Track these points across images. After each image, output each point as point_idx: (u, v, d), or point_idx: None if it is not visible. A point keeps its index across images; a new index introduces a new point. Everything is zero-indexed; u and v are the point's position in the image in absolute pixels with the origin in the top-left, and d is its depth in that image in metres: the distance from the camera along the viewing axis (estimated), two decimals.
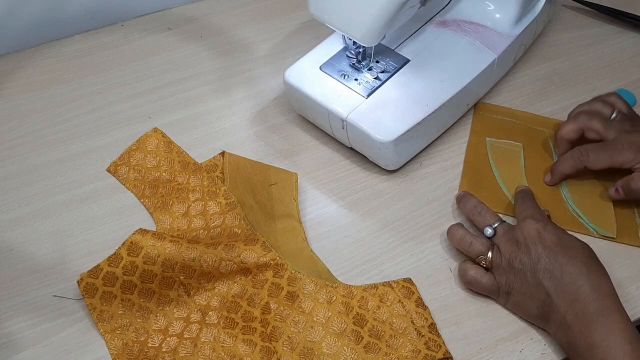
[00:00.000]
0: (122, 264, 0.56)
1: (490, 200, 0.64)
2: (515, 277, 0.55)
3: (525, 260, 0.55)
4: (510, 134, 0.71)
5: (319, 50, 0.70)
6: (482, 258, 0.58)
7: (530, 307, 0.55)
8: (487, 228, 0.59)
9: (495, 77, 0.74)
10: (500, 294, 0.57)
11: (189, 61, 0.80)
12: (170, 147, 0.69)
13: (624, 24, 0.84)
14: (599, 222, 0.64)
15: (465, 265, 0.58)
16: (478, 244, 0.58)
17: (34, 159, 0.69)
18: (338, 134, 0.68)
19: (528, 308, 0.55)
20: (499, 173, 0.67)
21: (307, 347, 0.54)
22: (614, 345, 0.49)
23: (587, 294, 0.52)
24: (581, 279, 0.52)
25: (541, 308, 0.54)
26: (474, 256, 0.59)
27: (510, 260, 0.56)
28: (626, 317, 0.51)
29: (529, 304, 0.55)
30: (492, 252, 0.57)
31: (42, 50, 0.80)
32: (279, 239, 0.62)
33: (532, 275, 0.54)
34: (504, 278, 0.56)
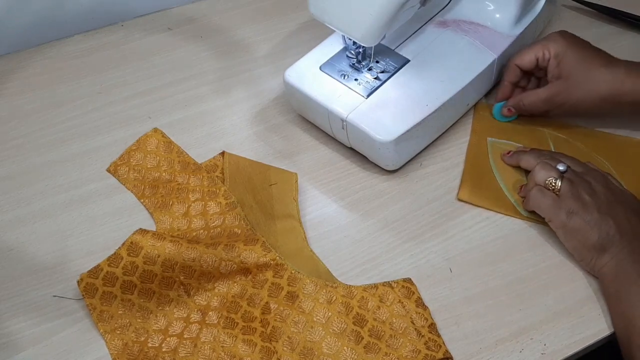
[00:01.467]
0: (122, 264, 0.56)
1: (490, 200, 0.64)
2: (585, 203, 0.58)
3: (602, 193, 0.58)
4: (511, 134, 0.71)
5: (319, 50, 0.70)
6: (552, 180, 0.60)
7: (591, 235, 0.57)
8: (560, 164, 0.61)
9: (496, 77, 0.74)
10: (559, 215, 0.58)
11: (189, 61, 0.80)
12: (170, 147, 0.69)
13: (624, 24, 0.84)
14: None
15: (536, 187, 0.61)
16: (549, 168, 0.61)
17: (34, 159, 0.69)
18: (338, 134, 0.68)
19: (588, 235, 0.57)
20: (499, 174, 0.67)
21: (307, 347, 0.54)
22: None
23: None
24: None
25: (602, 239, 0.57)
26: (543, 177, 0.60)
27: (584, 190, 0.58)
28: None
29: (590, 233, 0.57)
30: (562, 180, 0.59)
31: (42, 50, 0.80)
32: (279, 239, 0.62)
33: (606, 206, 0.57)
34: (570, 201, 0.58)
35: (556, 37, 0.67)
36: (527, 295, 0.59)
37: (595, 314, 0.57)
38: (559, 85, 0.66)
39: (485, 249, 0.62)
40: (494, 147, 0.70)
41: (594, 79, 0.65)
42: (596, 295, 0.59)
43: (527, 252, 0.62)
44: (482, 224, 0.64)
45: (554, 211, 0.59)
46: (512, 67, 0.69)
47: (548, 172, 0.60)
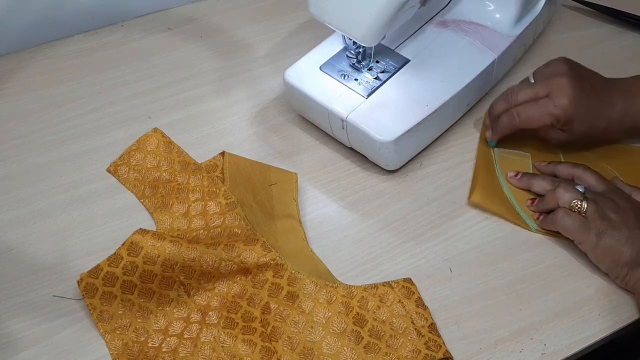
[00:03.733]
0: (122, 264, 0.56)
1: (497, 211, 0.64)
2: (614, 222, 0.57)
3: (627, 209, 0.58)
4: (519, 144, 0.70)
5: (319, 50, 0.70)
6: (578, 202, 0.59)
7: (624, 251, 0.57)
8: (579, 187, 0.61)
9: (495, 77, 0.74)
10: (589, 236, 0.58)
11: (189, 61, 0.80)
12: (170, 147, 0.69)
13: (624, 24, 0.84)
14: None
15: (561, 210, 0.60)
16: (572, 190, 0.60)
17: (34, 159, 0.69)
18: (338, 134, 0.68)
19: (621, 253, 0.57)
20: (507, 186, 0.66)
21: (307, 347, 0.54)
22: None
23: None
24: None
25: (636, 254, 0.56)
26: (567, 200, 0.60)
27: (609, 210, 0.58)
28: None
29: (623, 250, 0.57)
30: (586, 201, 0.59)
31: (42, 50, 0.80)
32: (279, 239, 0.62)
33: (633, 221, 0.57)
34: (598, 222, 0.58)
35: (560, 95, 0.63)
36: (527, 295, 0.59)
37: (595, 314, 0.57)
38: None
39: (485, 249, 0.62)
40: (501, 158, 0.69)
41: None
42: (596, 295, 0.59)
43: (527, 252, 0.62)
44: (482, 224, 0.64)
45: (583, 234, 0.58)
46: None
47: (573, 194, 0.60)
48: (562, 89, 0.63)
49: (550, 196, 0.61)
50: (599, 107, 0.64)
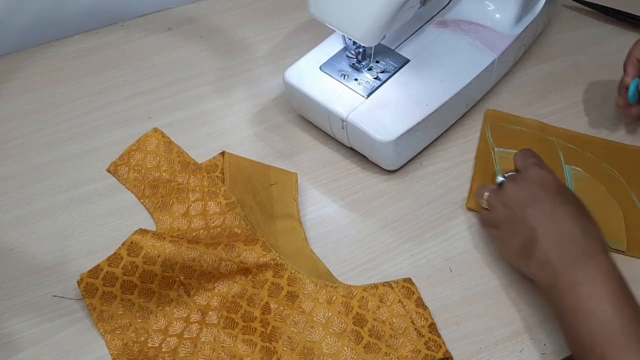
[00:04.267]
0: (122, 264, 0.56)
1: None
2: (506, 213, 0.56)
3: (520, 199, 0.55)
4: (520, 144, 0.69)
5: (319, 50, 0.70)
6: (483, 199, 0.59)
7: (514, 243, 0.55)
8: (499, 176, 0.60)
9: (495, 77, 0.74)
10: (489, 228, 0.58)
11: (189, 61, 0.80)
12: (170, 147, 0.69)
13: (624, 24, 0.84)
14: (609, 235, 0.62)
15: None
16: (482, 187, 0.60)
17: (34, 159, 0.69)
18: (338, 134, 0.68)
19: (511, 244, 0.55)
20: None
21: (307, 347, 0.54)
22: (600, 284, 0.49)
23: (576, 235, 0.52)
24: (571, 222, 0.52)
25: (524, 245, 0.54)
26: (479, 200, 0.60)
27: (505, 198, 0.56)
28: (612, 260, 0.51)
29: (513, 240, 0.55)
30: (489, 192, 0.59)
31: (42, 50, 0.80)
32: (279, 239, 0.62)
33: (522, 211, 0.54)
34: (494, 213, 0.57)
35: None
36: (527, 295, 0.58)
37: None
38: None
39: (485, 249, 0.62)
40: (501, 158, 0.69)
41: None
42: None
43: None
44: None
45: (486, 226, 0.60)
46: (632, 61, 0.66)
47: (482, 190, 0.60)
48: None
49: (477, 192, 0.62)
50: None
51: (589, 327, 0.48)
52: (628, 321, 0.47)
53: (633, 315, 0.48)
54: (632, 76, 0.66)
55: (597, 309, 0.48)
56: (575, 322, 0.49)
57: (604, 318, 0.48)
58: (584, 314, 0.48)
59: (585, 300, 0.49)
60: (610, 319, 0.47)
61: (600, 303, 0.48)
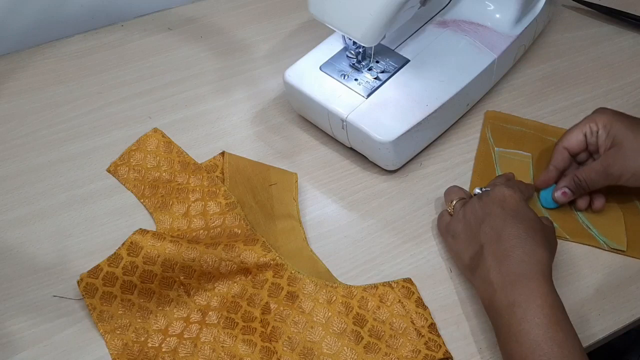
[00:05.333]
0: (122, 264, 0.56)
1: None
2: (463, 226, 0.57)
3: (478, 213, 0.56)
4: (520, 144, 0.70)
5: (319, 50, 0.70)
6: (450, 203, 0.61)
7: (465, 256, 0.57)
8: (477, 189, 0.61)
9: (495, 77, 0.74)
10: (447, 237, 0.59)
11: (189, 61, 0.80)
12: (170, 147, 0.69)
13: (624, 24, 0.84)
14: (609, 234, 0.63)
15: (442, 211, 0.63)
16: (454, 190, 0.62)
17: (34, 159, 0.69)
18: (338, 134, 0.68)
19: (463, 256, 0.57)
20: None
21: (307, 347, 0.54)
22: (534, 307, 0.49)
23: (518, 256, 0.52)
24: (517, 243, 0.53)
25: (473, 259, 0.55)
26: (446, 201, 0.62)
27: (466, 211, 0.58)
28: (551, 284, 0.51)
29: (464, 253, 0.57)
30: (457, 201, 0.60)
31: (42, 50, 0.80)
32: (279, 239, 0.62)
33: (477, 226, 0.56)
34: (453, 223, 0.59)
35: (599, 111, 0.63)
36: None
37: (595, 314, 0.58)
38: (613, 155, 0.60)
39: None
40: (501, 157, 0.69)
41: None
42: (595, 295, 0.59)
43: None
44: None
45: (444, 234, 0.60)
46: (559, 150, 0.64)
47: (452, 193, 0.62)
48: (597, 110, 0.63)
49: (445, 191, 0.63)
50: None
51: (520, 349, 0.48)
52: (558, 347, 0.48)
53: (563, 341, 0.48)
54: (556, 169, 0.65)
55: (529, 331, 0.48)
56: (508, 341, 0.50)
57: (535, 341, 0.48)
58: (516, 335, 0.49)
59: (518, 322, 0.49)
60: (541, 343, 0.48)
61: (532, 326, 0.49)
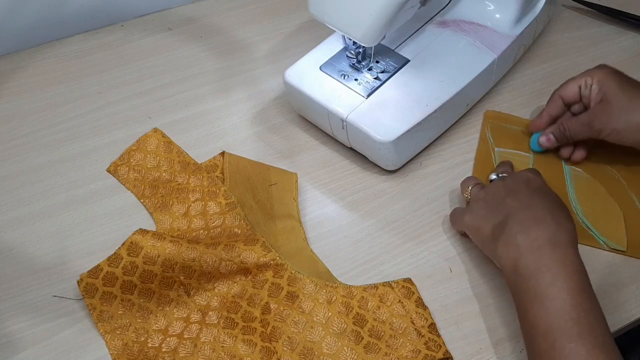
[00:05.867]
0: (122, 264, 0.56)
1: None
2: (483, 202, 0.57)
3: (501, 190, 0.57)
4: (520, 144, 0.70)
5: (319, 50, 0.70)
6: (467, 190, 0.61)
7: (486, 226, 0.56)
8: (493, 174, 0.62)
9: (495, 77, 0.74)
10: (463, 216, 0.59)
11: (189, 61, 0.80)
12: (170, 147, 0.69)
13: (624, 24, 0.84)
14: (609, 235, 0.63)
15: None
16: (469, 179, 0.63)
17: (34, 159, 0.69)
18: (338, 134, 0.68)
19: (483, 228, 0.56)
20: None
21: (307, 347, 0.54)
22: (564, 273, 0.49)
23: (546, 223, 0.52)
24: (544, 211, 0.53)
25: (496, 228, 0.55)
26: (463, 189, 0.63)
27: (488, 192, 0.58)
28: (578, 255, 0.51)
29: (486, 224, 0.56)
30: (474, 186, 0.61)
31: (42, 50, 0.80)
32: (279, 239, 0.62)
33: (500, 200, 0.56)
34: (472, 204, 0.59)
35: (599, 67, 0.66)
36: None
37: None
38: (599, 109, 0.63)
39: None
40: (501, 157, 0.69)
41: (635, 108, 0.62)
42: (596, 295, 0.58)
43: None
44: None
45: (460, 217, 0.60)
46: (554, 98, 0.68)
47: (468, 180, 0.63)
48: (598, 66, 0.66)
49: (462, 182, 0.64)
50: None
51: (545, 314, 0.48)
52: (585, 313, 0.48)
53: (590, 309, 0.48)
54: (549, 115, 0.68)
55: (556, 297, 0.48)
56: (532, 307, 0.49)
57: (561, 307, 0.48)
58: (542, 300, 0.49)
59: (545, 286, 0.49)
60: (567, 309, 0.48)
61: (559, 292, 0.48)
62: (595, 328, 0.47)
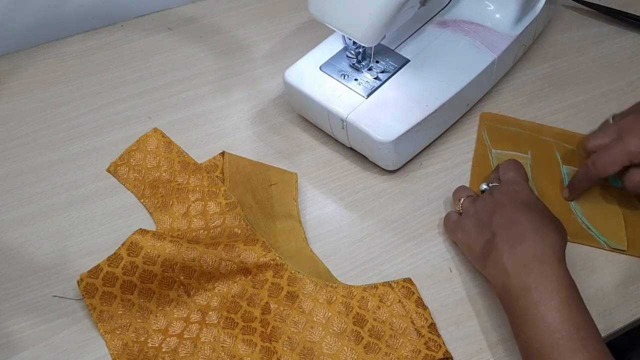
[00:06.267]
0: (122, 264, 0.56)
1: None
2: (474, 219, 0.57)
3: (489, 206, 0.57)
4: (517, 145, 0.70)
5: (319, 50, 0.70)
6: (458, 202, 0.61)
7: (476, 245, 0.56)
8: (484, 184, 0.61)
9: (495, 77, 0.74)
10: (458, 233, 0.59)
11: (189, 61, 0.80)
12: (170, 147, 0.69)
13: (624, 24, 0.84)
14: (609, 234, 0.63)
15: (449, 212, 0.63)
16: (461, 190, 0.62)
17: (34, 159, 0.69)
18: (338, 134, 0.68)
19: (473, 247, 0.57)
20: None
21: (307, 347, 0.54)
22: (550, 290, 0.49)
23: (531, 240, 0.52)
24: (530, 227, 0.53)
25: (484, 247, 0.55)
26: (454, 200, 0.62)
27: (478, 206, 0.58)
28: (565, 267, 0.51)
29: (475, 243, 0.56)
30: (466, 198, 0.60)
31: (42, 50, 0.80)
32: (279, 239, 0.62)
33: (488, 217, 0.56)
34: (464, 219, 0.59)
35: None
36: None
37: (594, 314, 0.57)
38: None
39: None
40: (499, 158, 0.69)
41: None
42: (596, 295, 0.59)
43: None
44: None
45: (454, 231, 0.60)
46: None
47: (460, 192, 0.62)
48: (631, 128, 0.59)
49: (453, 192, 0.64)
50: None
51: (537, 332, 0.48)
52: (575, 328, 0.48)
53: (580, 323, 0.48)
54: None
55: (545, 314, 0.49)
56: (524, 326, 0.50)
57: (551, 324, 0.48)
58: (532, 318, 0.49)
59: (534, 305, 0.49)
60: (558, 326, 0.48)
61: (549, 309, 0.49)
62: (587, 343, 0.47)
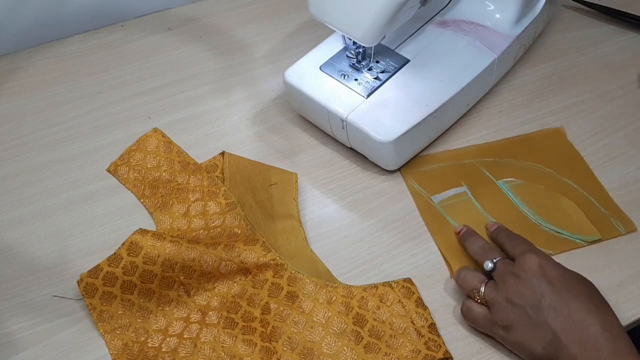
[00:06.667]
0: (122, 264, 0.56)
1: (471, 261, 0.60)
2: (516, 313, 0.52)
3: (528, 296, 0.51)
4: (448, 182, 0.66)
5: (319, 50, 0.70)
6: (475, 292, 0.55)
7: (535, 347, 0.51)
8: (487, 262, 0.56)
9: (495, 77, 0.74)
10: (496, 330, 0.53)
11: (189, 61, 0.80)
12: (170, 147, 0.69)
13: (624, 24, 0.84)
14: (579, 230, 0.62)
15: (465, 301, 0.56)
16: (471, 277, 0.56)
17: (34, 159, 0.69)
18: (338, 134, 0.68)
19: (532, 348, 0.51)
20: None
21: (307, 347, 0.54)
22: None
23: (598, 334, 0.49)
24: (590, 318, 0.49)
25: (547, 348, 0.50)
26: (467, 291, 0.56)
27: (509, 295, 0.52)
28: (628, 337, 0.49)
29: (533, 344, 0.51)
30: (485, 286, 0.54)
31: (42, 50, 0.80)
32: (279, 239, 0.62)
33: (536, 312, 0.51)
34: (501, 314, 0.53)
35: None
36: None
37: None
38: None
39: None
40: (443, 206, 0.64)
41: None
42: None
43: None
44: None
45: (490, 328, 0.54)
46: None
47: (471, 280, 0.55)
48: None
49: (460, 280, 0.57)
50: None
51: None
52: None
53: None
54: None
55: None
56: None
57: None
58: None
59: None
60: None
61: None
62: None
